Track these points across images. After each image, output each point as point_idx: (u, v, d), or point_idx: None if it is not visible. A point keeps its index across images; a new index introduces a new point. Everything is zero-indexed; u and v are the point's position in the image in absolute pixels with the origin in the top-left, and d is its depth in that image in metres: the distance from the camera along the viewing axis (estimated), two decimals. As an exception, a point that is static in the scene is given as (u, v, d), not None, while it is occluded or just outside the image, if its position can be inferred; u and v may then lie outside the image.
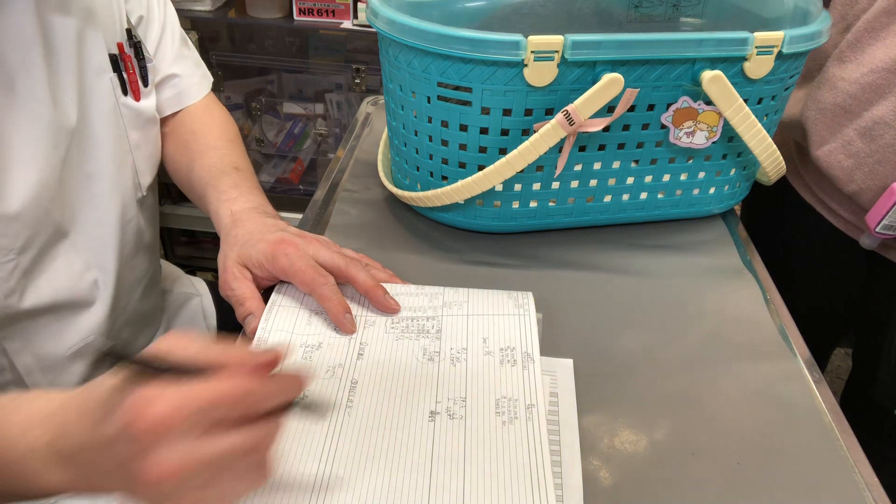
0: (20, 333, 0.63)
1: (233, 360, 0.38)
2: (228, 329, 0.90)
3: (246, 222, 0.62)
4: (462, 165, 0.67)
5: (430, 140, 0.67)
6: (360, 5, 1.41)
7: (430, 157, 0.68)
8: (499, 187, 0.67)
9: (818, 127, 0.74)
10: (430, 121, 0.65)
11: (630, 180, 0.71)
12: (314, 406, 0.41)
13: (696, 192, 0.74)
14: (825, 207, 0.82)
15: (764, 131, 0.67)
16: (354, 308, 0.58)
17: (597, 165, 0.69)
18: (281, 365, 0.40)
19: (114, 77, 0.65)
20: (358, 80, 1.53)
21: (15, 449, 0.40)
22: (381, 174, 0.78)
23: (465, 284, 0.63)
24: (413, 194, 0.71)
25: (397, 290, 0.61)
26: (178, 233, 1.87)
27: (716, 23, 0.69)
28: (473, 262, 0.69)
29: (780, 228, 0.91)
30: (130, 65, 0.67)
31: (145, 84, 0.69)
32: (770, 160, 0.71)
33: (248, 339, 0.56)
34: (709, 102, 0.65)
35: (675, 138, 0.67)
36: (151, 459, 0.35)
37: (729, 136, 0.70)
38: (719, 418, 0.54)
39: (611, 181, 0.70)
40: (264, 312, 0.57)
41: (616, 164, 0.69)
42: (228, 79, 1.62)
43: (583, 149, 0.67)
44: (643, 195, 0.73)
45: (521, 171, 0.65)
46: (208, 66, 0.81)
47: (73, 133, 0.61)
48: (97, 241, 0.67)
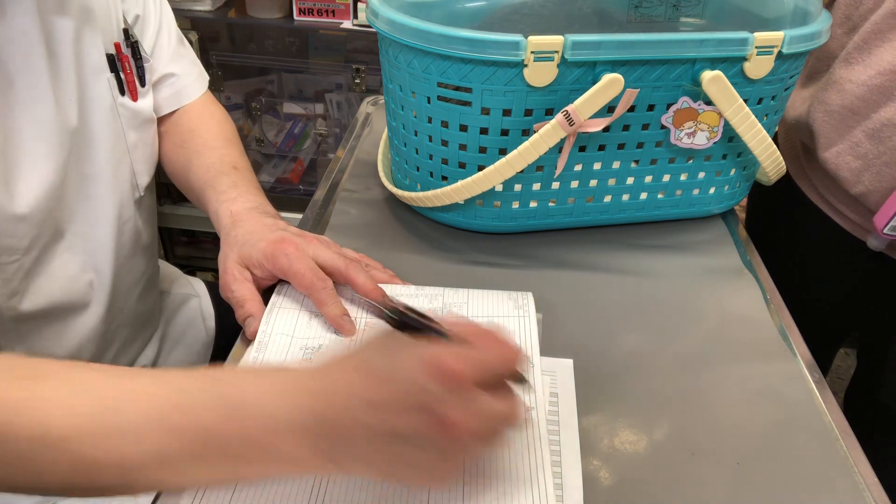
0: (20, 336, 0.63)
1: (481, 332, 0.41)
2: (227, 330, 0.90)
3: (246, 222, 0.62)
4: (462, 166, 0.67)
5: (430, 140, 0.67)
6: (360, 5, 1.41)
7: (430, 158, 0.68)
8: (499, 187, 0.67)
9: (825, 129, 0.74)
10: (430, 121, 0.65)
11: (630, 180, 0.71)
12: (526, 380, 0.44)
13: (696, 192, 0.74)
14: (832, 208, 0.82)
15: (764, 131, 0.67)
16: (354, 310, 0.58)
17: (597, 166, 0.69)
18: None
19: (111, 77, 0.65)
20: (358, 80, 1.53)
21: (267, 419, 0.38)
22: (381, 174, 0.78)
23: (465, 285, 0.63)
24: (413, 194, 0.71)
25: (397, 291, 0.61)
26: (178, 233, 1.87)
27: (716, 23, 0.68)
28: (473, 262, 0.69)
29: (786, 229, 0.91)
30: (128, 65, 0.67)
31: (142, 84, 0.69)
32: (770, 160, 0.71)
33: (248, 341, 0.56)
34: (709, 103, 0.65)
35: (675, 139, 0.67)
36: (454, 408, 0.37)
37: (729, 136, 0.70)
38: (719, 418, 0.54)
39: (611, 181, 0.70)
40: (265, 314, 0.57)
41: (616, 165, 0.69)
42: (228, 79, 1.61)
43: (583, 149, 0.67)
44: (643, 195, 0.73)
45: (521, 171, 0.65)
46: (208, 67, 0.81)
47: (74, 134, 0.61)
48: (94, 242, 0.66)
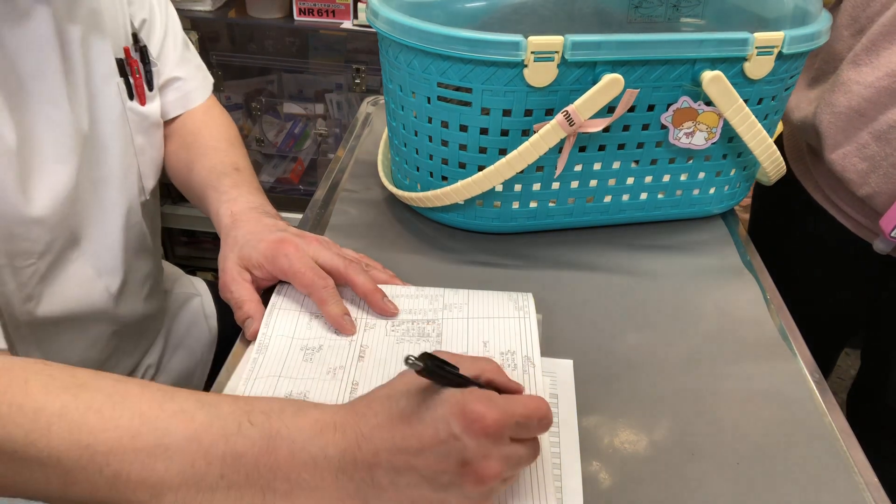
0: (36, 340, 0.63)
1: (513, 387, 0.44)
2: (229, 329, 0.90)
3: (246, 222, 0.62)
4: (462, 166, 0.67)
5: (430, 140, 0.67)
6: (360, 5, 1.41)
7: (430, 158, 0.68)
8: (499, 188, 0.67)
9: (832, 130, 0.74)
10: (430, 121, 0.65)
11: (630, 181, 0.71)
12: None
13: (696, 192, 0.74)
14: (838, 210, 0.81)
15: (764, 132, 0.67)
16: (354, 310, 0.58)
17: (597, 166, 0.69)
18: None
19: (121, 82, 0.65)
20: (358, 80, 1.53)
21: (300, 453, 0.39)
22: (381, 174, 0.78)
23: (465, 285, 0.63)
24: (413, 194, 0.71)
25: (397, 292, 0.61)
26: (178, 233, 1.87)
27: (716, 23, 0.68)
28: (473, 262, 0.69)
29: (791, 231, 0.91)
30: (137, 69, 0.67)
31: (150, 88, 0.69)
32: (770, 160, 0.71)
33: (248, 342, 0.56)
34: (709, 103, 0.65)
35: (674, 139, 0.67)
36: (486, 459, 0.39)
37: (729, 136, 0.70)
38: (719, 418, 0.54)
39: (611, 181, 0.70)
40: (265, 315, 0.57)
41: (616, 165, 0.69)
42: (228, 79, 1.61)
43: (583, 149, 0.67)
44: (643, 195, 0.73)
45: (521, 171, 0.65)
46: (208, 66, 0.81)
47: (86, 138, 0.62)
48: (105, 247, 0.67)
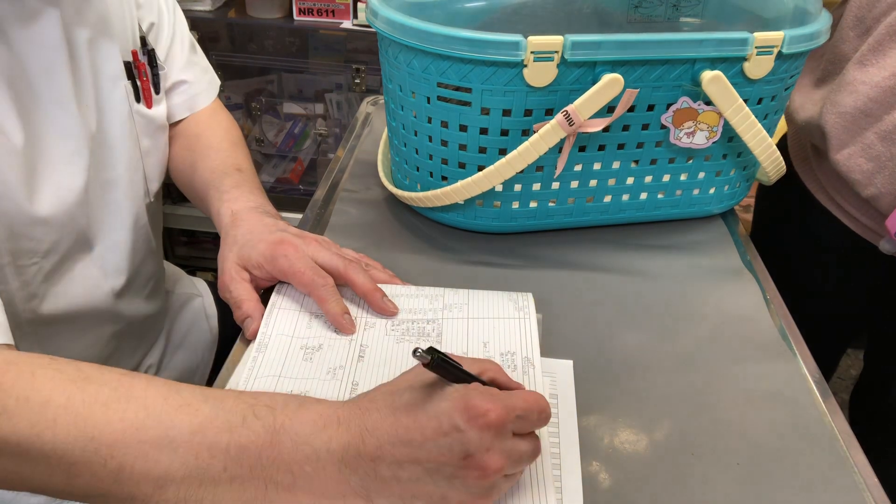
0: (38, 339, 0.63)
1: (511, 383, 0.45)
2: (230, 329, 0.90)
3: (246, 222, 0.62)
4: (462, 166, 0.67)
5: (430, 140, 0.67)
6: (360, 5, 1.41)
7: (430, 158, 0.68)
8: (499, 188, 0.67)
9: (838, 130, 0.74)
10: (429, 121, 0.65)
11: (630, 180, 0.71)
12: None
13: (696, 192, 0.74)
14: (842, 212, 0.81)
15: (764, 131, 0.67)
16: (354, 310, 0.58)
17: (597, 166, 0.69)
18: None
19: (128, 84, 0.65)
20: (358, 80, 1.53)
21: (303, 446, 0.40)
22: (381, 174, 0.78)
23: (465, 285, 0.63)
24: (413, 194, 0.71)
25: (397, 292, 0.61)
26: (178, 233, 1.87)
27: (716, 23, 0.68)
28: (473, 262, 0.69)
29: (795, 231, 0.90)
30: (144, 72, 0.67)
31: (157, 91, 0.70)
32: (770, 160, 0.71)
33: (248, 341, 0.56)
34: (709, 102, 0.65)
35: (675, 139, 0.67)
36: (489, 452, 0.39)
37: (729, 136, 0.70)
38: (719, 418, 0.54)
39: (611, 181, 0.70)
40: (265, 315, 0.57)
41: (616, 165, 0.69)
42: (228, 79, 1.61)
43: (583, 149, 0.67)
44: (643, 195, 0.73)
45: (521, 171, 0.65)
46: (208, 67, 0.82)
47: (94, 140, 0.62)
48: (112, 248, 0.67)
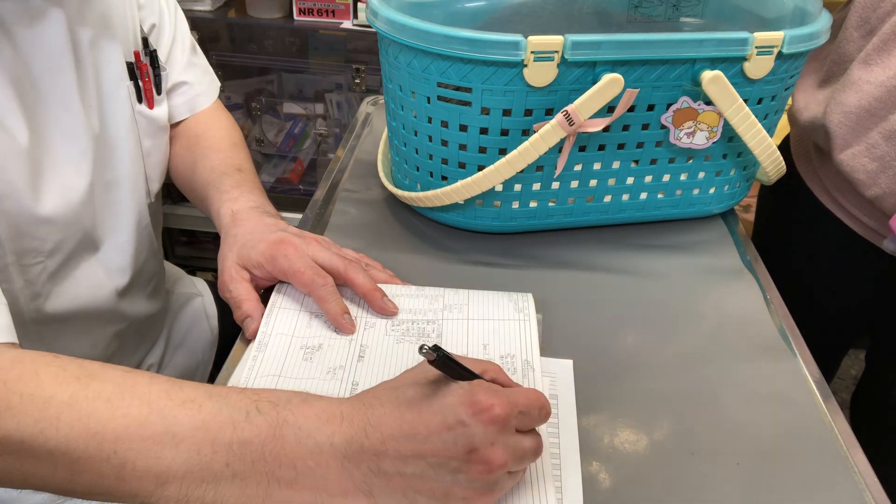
0: (41, 338, 0.64)
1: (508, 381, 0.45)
2: (230, 329, 0.90)
3: (246, 221, 0.62)
4: (462, 165, 0.67)
5: (430, 140, 0.67)
6: (360, 5, 1.41)
7: (430, 157, 0.68)
8: (499, 187, 0.67)
9: (842, 130, 0.74)
10: (429, 121, 0.65)
11: (630, 180, 0.71)
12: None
13: (696, 192, 0.74)
14: (845, 212, 0.81)
15: (764, 131, 0.67)
16: (354, 310, 0.58)
17: (597, 165, 0.69)
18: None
19: (130, 85, 0.66)
20: (358, 80, 1.53)
21: (306, 440, 0.40)
22: (381, 174, 0.78)
23: (465, 285, 0.63)
24: (413, 194, 0.71)
25: (397, 292, 0.61)
26: (178, 233, 1.87)
27: (716, 23, 0.68)
28: (473, 262, 0.69)
29: (797, 233, 0.90)
30: (146, 73, 0.68)
31: (158, 92, 0.70)
32: (770, 160, 0.71)
33: (248, 341, 0.56)
34: (709, 102, 0.65)
35: (675, 139, 0.67)
36: (493, 446, 0.40)
37: (729, 136, 0.70)
38: (719, 418, 0.54)
39: (611, 181, 0.70)
40: (265, 315, 0.57)
41: (616, 165, 0.69)
42: (228, 79, 1.61)
43: (583, 149, 0.67)
44: (643, 195, 0.73)
45: (521, 171, 0.65)
46: (208, 67, 0.82)
47: (98, 140, 0.62)
48: (117, 248, 0.68)
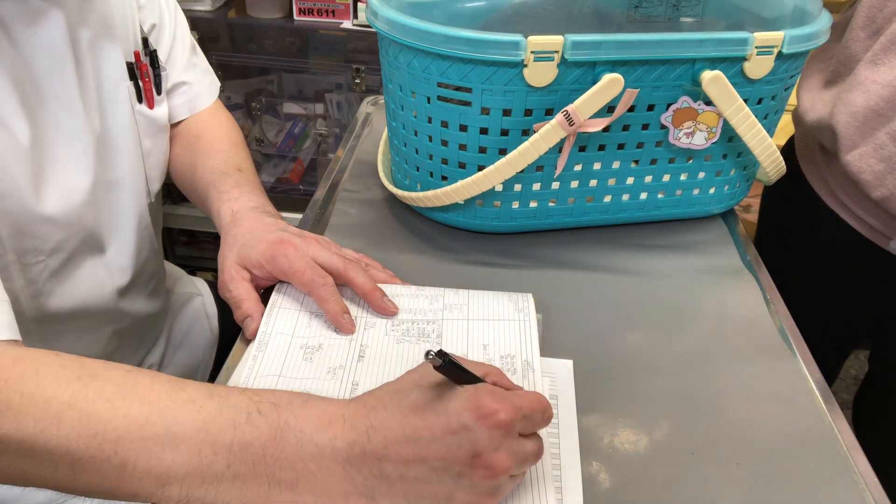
0: (41, 336, 0.64)
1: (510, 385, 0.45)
2: (230, 329, 0.90)
3: (246, 221, 0.62)
4: (462, 166, 0.67)
5: (430, 140, 0.67)
6: (360, 5, 1.41)
7: (430, 158, 0.68)
8: (499, 187, 0.67)
9: (849, 131, 0.73)
10: (429, 121, 0.65)
11: (630, 180, 0.71)
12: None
13: (696, 192, 0.74)
14: (850, 214, 0.80)
15: (764, 131, 0.67)
16: (354, 310, 0.58)
17: (597, 165, 0.69)
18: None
19: (130, 85, 0.66)
20: (358, 80, 1.53)
21: (307, 443, 0.40)
22: (381, 174, 0.78)
23: (465, 285, 0.63)
24: (413, 194, 0.71)
25: (397, 292, 0.61)
26: (178, 233, 1.87)
27: (716, 23, 0.68)
28: (473, 262, 0.69)
29: (802, 234, 0.90)
30: (146, 73, 0.68)
31: (158, 92, 0.70)
32: (770, 160, 0.71)
33: (248, 340, 0.56)
34: (709, 102, 0.65)
35: (674, 138, 0.67)
36: (497, 451, 0.40)
37: (729, 136, 0.70)
38: (719, 418, 0.54)
39: (611, 181, 0.70)
40: (265, 314, 0.57)
41: (616, 165, 0.69)
42: (228, 79, 1.61)
43: (583, 149, 0.67)
44: (643, 195, 0.73)
45: (521, 171, 0.65)
46: (208, 66, 0.82)
47: (99, 140, 0.63)
48: (119, 248, 0.68)
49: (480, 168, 0.65)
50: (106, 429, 0.38)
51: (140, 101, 0.67)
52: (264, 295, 0.60)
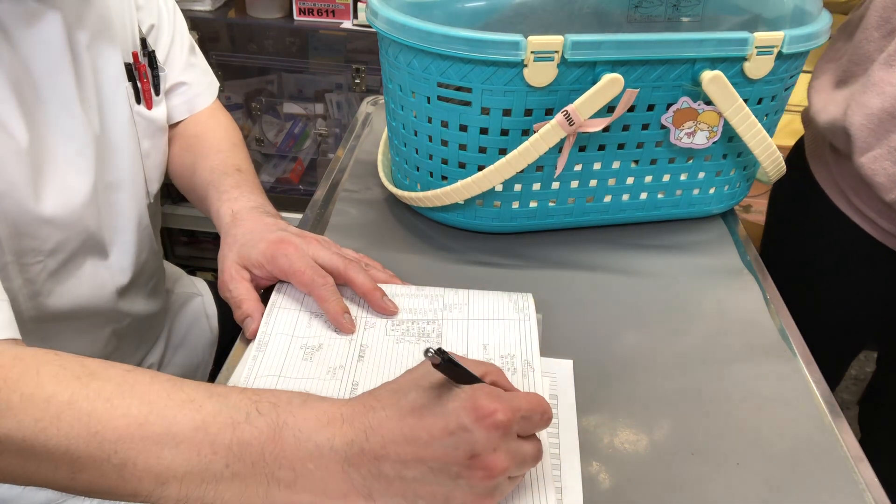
0: (40, 336, 0.64)
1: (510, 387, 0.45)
2: (230, 329, 0.90)
3: (246, 221, 0.62)
4: (462, 165, 0.67)
5: (430, 140, 0.67)
6: (360, 5, 1.41)
7: (430, 157, 0.68)
8: (499, 187, 0.67)
9: (863, 133, 0.72)
10: (429, 121, 0.65)
11: (630, 180, 0.71)
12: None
13: (696, 192, 0.74)
14: (861, 216, 0.80)
15: (764, 131, 0.67)
16: (354, 310, 0.58)
17: (597, 165, 0.69)
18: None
19: (129, 86, 0.66)
20: (358, 80, 1.53)
21: (306, 443, 0.40)
22: (381, 174, 0.78)
23: (465, 284, 0.63)
24: (413, 194, 0.71)
25: (397, 291, 0.61)
26: (178, 233, 1.87)
27: (716, 23, 0.68)
28: (473, 262, 0.69)
29: (811, 237, 0.89)
30: (144, 74, 0.68)
31: (157, 93, 0.70)
32: (770, 160, 0.71)
33: (248, 340, 0.56)
34: (709, 102, 0.65)
35: (675, 139, 0.67)
36: (495, 452, 0.40)
37: (729, 136, 0.70)
38: (719, 418, 0.54)
39: (611, 181, 0.70)
40: (265, 314, 0.57)
41: (616, 165, 0.69)
42: (228, 79, 1.61)
43: (583, 149, 0.67)
44: (643, 195, 0.73)
45: (521, 171, 0.65)
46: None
47: (98, 141, 0.63)
48: (119, 248, 0.68)
49: (480, 168, 0.65)
50: (105, 428, 0.39)
51: (138, 101, 0.67)
52: (264, 295, 0.60)
